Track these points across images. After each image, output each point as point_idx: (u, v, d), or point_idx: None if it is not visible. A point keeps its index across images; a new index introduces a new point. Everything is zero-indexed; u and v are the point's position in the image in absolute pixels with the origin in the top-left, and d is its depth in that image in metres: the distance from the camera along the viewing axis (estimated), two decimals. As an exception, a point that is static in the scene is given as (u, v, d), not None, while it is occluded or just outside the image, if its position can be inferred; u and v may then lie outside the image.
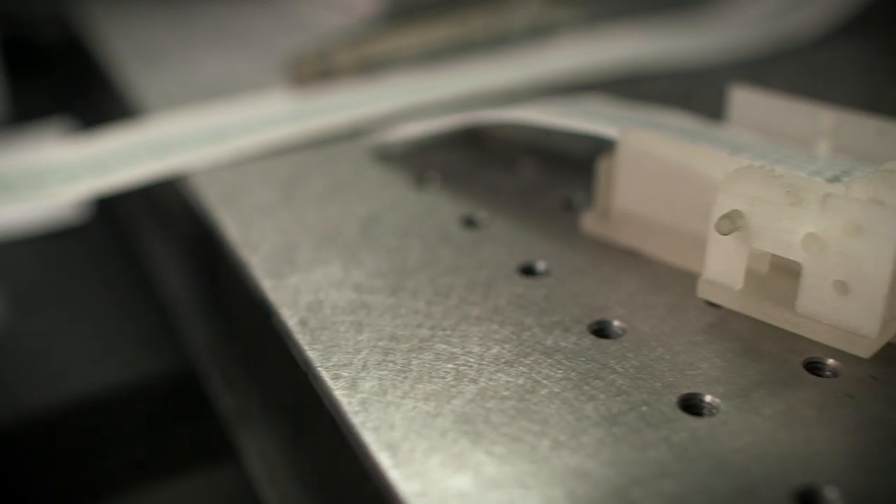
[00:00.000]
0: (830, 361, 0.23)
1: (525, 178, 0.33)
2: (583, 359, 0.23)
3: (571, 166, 0.33)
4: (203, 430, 0.37)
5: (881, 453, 0.20)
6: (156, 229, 0.45)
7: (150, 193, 0.41)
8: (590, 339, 0.24)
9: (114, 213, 0.52)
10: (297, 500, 0.30)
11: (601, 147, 0.29)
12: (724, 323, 0.24)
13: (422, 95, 0.39)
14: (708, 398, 0.22)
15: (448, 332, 0.24)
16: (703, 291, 0.24)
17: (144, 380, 0.38)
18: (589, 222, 0.29)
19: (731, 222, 0.23)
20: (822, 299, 0.22)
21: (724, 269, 0.24)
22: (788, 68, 0.44)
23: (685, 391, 0.22)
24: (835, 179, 0.25)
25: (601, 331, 0.24)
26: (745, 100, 0.30)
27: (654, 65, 0.43)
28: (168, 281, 0.42)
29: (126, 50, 0.48)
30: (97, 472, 0.37)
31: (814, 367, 0.23)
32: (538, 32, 0.46)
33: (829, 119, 0.28)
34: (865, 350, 0.22)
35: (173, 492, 0.37)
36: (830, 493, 0.19)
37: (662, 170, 0.26)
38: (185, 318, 0.40)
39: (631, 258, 0.27)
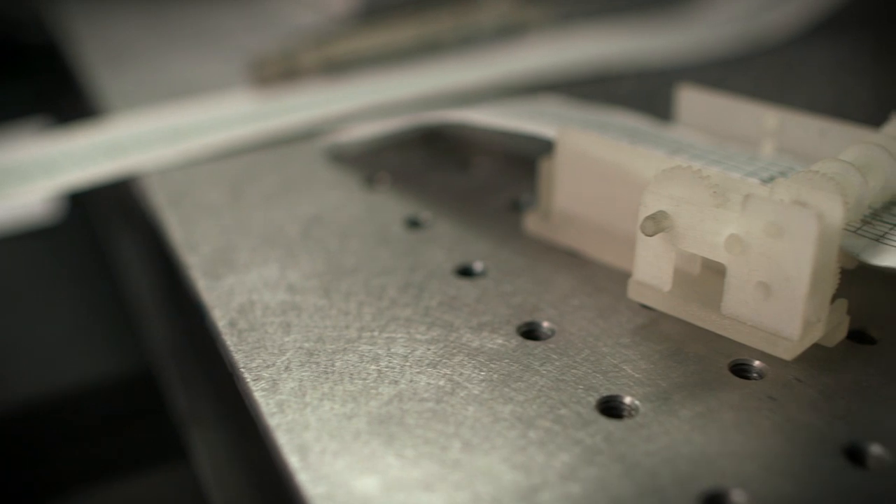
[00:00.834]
0: (757, 363, 0.23)
1: (477, 178, 0.33)
2: (507, 360, 0.23)
3: (525, 167, 0.33)
4: (160, 429, 0.37)
5: (795, 457, 0.20)
6: (124, 230, 0.45)
7: (120, 194, 0.41)
8: (517, 341, 0.24)
9: (87, 213, 0.52)
10: (241, 500, 0.30)
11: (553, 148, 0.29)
12: (654, 325, 0.24)
13: (383, 96, 0.39)
14: (627, 400, 0.21)
15: (375, 334, 0.24)
16: (633, 293, 0.24)
17: (104, 379, 0.38)
18: (531, 223, 0.28)
19: (656, 223, 0.22)
20: (746, 301, 0.22)
21: (652, 270, 0.23)
22: (757, 68, 0.44)
23: (605, 393, 0.22)
24: (771, 180, 0.24)
25: (530, 332, 0.24)
26: (692, 100, 0.30)
27: (622, 65, 0.43)
28: (134, 281, 0.42)
29: (97, 50, 0.48)
30: (53, 470, 0.38)
31: (740, 370, 0.23)
32: (508, 32, 0.46)
33: (772, 119, 0.28)
34: (788, 352, 0.22)
35: (129, 491, 0.37)
36: (737, 496, 0.19)
37: (598, 170, 0.26)
38: (148, 318, 0.40)
39: (571, 259, 0.27)
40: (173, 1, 0.57)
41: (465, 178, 0.33)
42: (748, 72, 0.44)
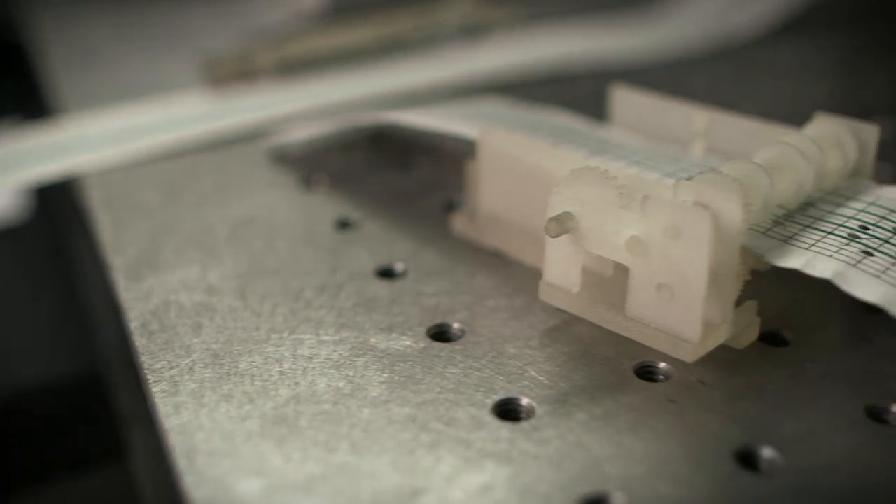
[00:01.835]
0: (662, 366, 0.22)
1: (417, 179, 0.33)
2: (411, 362, 0.23)
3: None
4: (105, 431, 0.37)
5: (685, 460, 0.19)
6: (79, 231, 0.45)
7: (72, 195, 0.41)
8: (425, 343, 0.23)
9: (49, 214, 0.52)
10: (173, 500, 0.30)
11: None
12: (566, 326, 0.24)
13: (335, 96, 0.39)
14: (524, 403, 0.21)
15: (284, 335, 0.24)
16: (544, 294, 0.24)
17: (56, 381, 0.38)
18: (459, 224, 0.28)
19: (559, 224, 0.22)
20: (648, 303, 0.22)
21: (561, 271, 0.23)
22: (719, 68, 0.44)
23: (504, 396, 0.21)
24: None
25: (441, 334, 0.24)
26: (624, 101, 0.30)
27: (584, 65, 0.43)
28: (85, 282, 0.43)
29: (60, 51, 0.48)
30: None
31: (646, 372, 0.23)
32: (471, 32, 0.46)
33: (701, 119, 0.28)
34: (689, 354, 0.21)
35: (71, 491, 0.38)
36: (617, 500, 0.19)
37: (517, 170, 0.26)
38: (97, 319, 0.40)
39: (494, 260, 0.27)
40: (143, 1, 0.57)
41: (404, 178, 0.33)
42: (709, 72, 0.43)
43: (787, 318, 0.24)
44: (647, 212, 0.21)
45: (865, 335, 0.24)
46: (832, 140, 0.25)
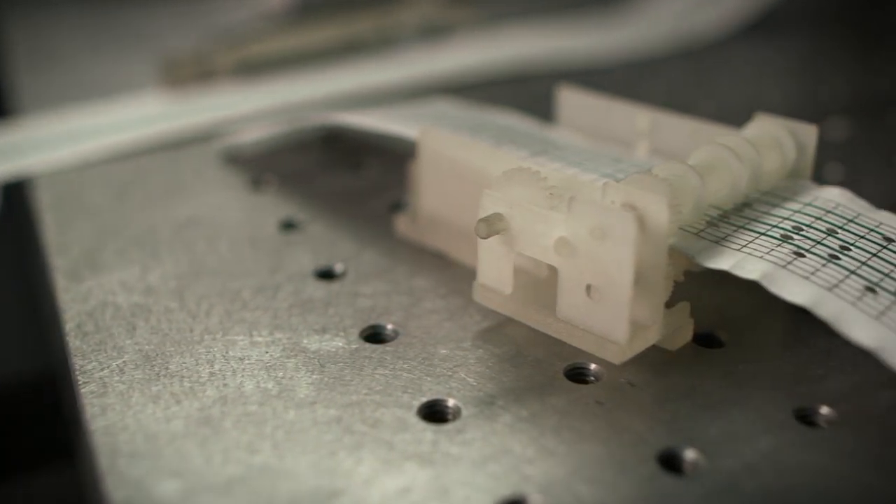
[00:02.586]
0: (593, 367, 0.22)
1: (366, 180, 0.33)
2: (341, 364, 0.23)
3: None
4: (61, 430, 0.37)
5: (607, 462, 0.19)
6: (30, 231, 0.45)
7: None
8: (357, 344, 0.23)
9: (17, 213, 0.52)
10: (97, 501, 0.30)
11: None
12: (501, 328, 0.24)
13: (291, 97, 0.39)
14: (451, 404, 0.21)
15: (217, 337, 0.24)
16: (478, 295, 0.24)
17: (10, 379, 0.38)
18: (402, 225, 0.28)
19: (489, 226, 0.22)
20: (577, 304, 0.22)
21: (493, 273, 0.23)
22: (680, 68, 0.44)
23: (431, 397, 0.21)
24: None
25: (374, 335, 0.24)
26: (571, 101, 0.30)
27: (545, 65, 0.43)
28: (40, 281, 0.42)
29: (22, 51, 0.48)
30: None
31: (577, 374, 0.22)
32: (433, 33, 0.46)
33: (644, 120, 0.28)
34: (617, 356, 0.21)
35: (27, 488, 0.37)
36: (535, 501, 0.18)
37: (456, 171, 0.26)
38: (48, 318, 0.40)
39: (436, 261, 0.27)
40: (110, 1, 0.57)
41: (354, 179, 0.33)
42: (670, 72, 0.43)
43: (724, 320, 0.24)
44: (573, 213, 0.21)
45: (801, 337, 0.24)
46: (770, 141, 0.25)
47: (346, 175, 0.33)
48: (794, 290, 0.21)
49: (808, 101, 0.41)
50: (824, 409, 0.21)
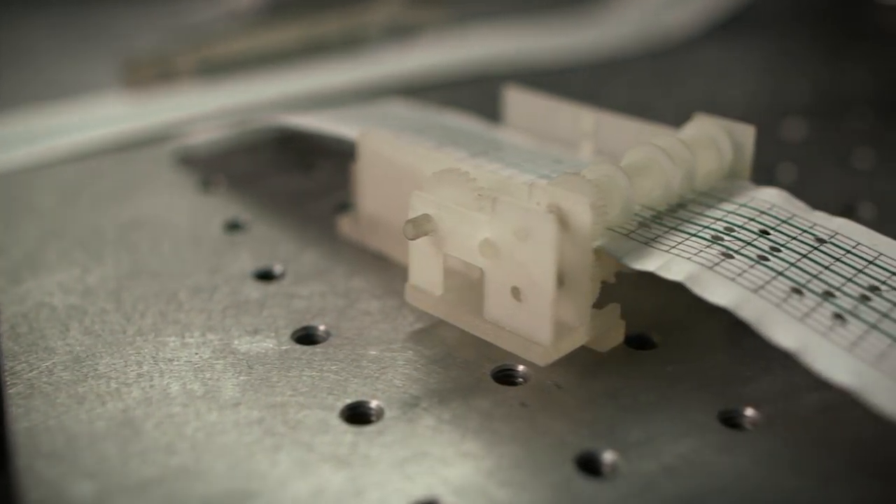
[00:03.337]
0: (521, 369, 0.22)
1: (316, 180, 0.33)
2: (269, 365, 0.23)
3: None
4: None
5: (524, 465, 0.19)
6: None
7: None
8: (288, 345, 0.23)
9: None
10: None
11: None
12: (434, 329, 0.24)
13: (251, 98, 0.39)
14: (374, 406, 0.21)
15: (149, 338, 0.24)
16: (410, 297, 0.24)
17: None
18: (344, 226, 0.28)
19: (416, 227, 0.22)
20: (503, 306, 0.22)
21: (424, 274, 0.23)
22: (645, 68, 0.44)
23: (356, 399, 0.21)
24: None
25: (306, 337, 0.24)
26: (517, 102, 0.30)
27: (509, 66, 0.43)
28: None
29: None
30: None
31: (505, 375, 0.22)
32: (399, 33, 0.46)
33: (588, 120, 0.28)
34: (542, 358, 0.21)
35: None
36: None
37: (393, 172, 0.26)
38: None
39: (375, 262, 0.27)
40: (78, 1, 0.57)
41: (305, 180, 0.33)
42: (635, 72, 0.43)
43: (659, 321, 0.24)
44: (496, 214, 0.21)
45: (735, 338, 0.24)
46: (707, 141, 0.25)
47: (298, 176, 0.33)
48: (717, 291, 0.21)
49: (770, 101, 0.41)
50: (749, 411, 0.21)
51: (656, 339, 0.24)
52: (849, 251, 0.23)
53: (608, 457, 0.20)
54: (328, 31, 0.44)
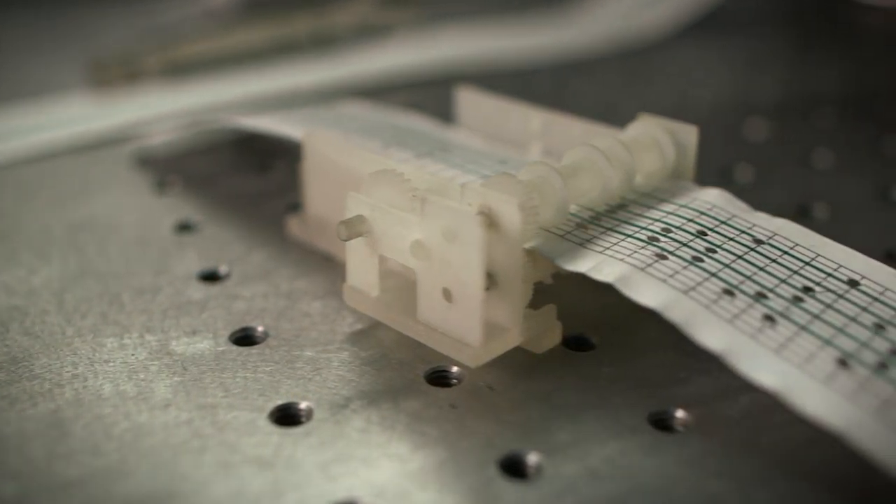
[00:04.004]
0: (455, 370, 0.22)
1: (272, 181, 0.33)
2: (204, 366, 0.23)
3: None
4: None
5: (448, 467, 0.19)
6: None
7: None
8: (225, 347, 0.23)
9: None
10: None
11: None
12: (372, 330, 0.24)
13: (215, 99, 0.39)
14: (303, 407, 0.21)
15: (88, 339, 0.24)
16: (348, 298, 0.24)
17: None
18: (293, 227, 0.28)
19: (349, 228, 0.22)
20: (435, 307, 0.22)
21: (360, 275, 0.23)
22: (614, 68, 0.44)
23: (286, 400, 0.21)
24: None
25: (244, 338, 0.24)
26: (469, 102, 0.30)
27: (475, 67, 0.43)
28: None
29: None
30: None
31: (439, 377, 0.22)
32: (369, 34, 0.46)
33: (537, 121, 0.28)
34: (472, 359, 0.21)
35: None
36: (365, 507, 0.18)
37: (337, 173, 0.26)
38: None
39: (323, 263, 0.27)
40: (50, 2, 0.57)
41: (259, 181, 0.33)
42: (603, 73, 0.43)
43: (598, 322, 0.24)
44: (425, 215, 0.21)
45: (673, 340, 0.23)
46: (649, 141, 0.25)
47: (253, 177, 0.33)
48: (646, 293, 0.21)
49: (736, 101, 0.41)
50: (680, 413, 0.21)
51: (595, 341, 0.24)
52: (785, 252, 0.23)
53: (533, 459, 0.20)
54: (298, 31, 0.44)
